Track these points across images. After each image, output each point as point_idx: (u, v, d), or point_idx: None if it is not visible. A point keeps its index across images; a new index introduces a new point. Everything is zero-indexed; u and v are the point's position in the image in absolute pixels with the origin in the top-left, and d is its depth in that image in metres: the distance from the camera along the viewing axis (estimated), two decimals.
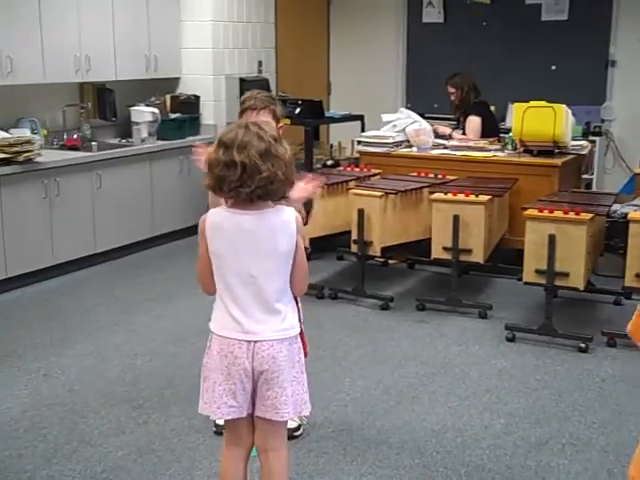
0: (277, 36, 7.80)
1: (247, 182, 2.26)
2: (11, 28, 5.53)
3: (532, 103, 5.52)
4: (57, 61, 5.89)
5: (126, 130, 6.64)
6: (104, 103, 6.57)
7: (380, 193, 5.09)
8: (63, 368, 4.20)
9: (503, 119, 7.31)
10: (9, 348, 4.46)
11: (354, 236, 5.15)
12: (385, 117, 6.42)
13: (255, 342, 2.38)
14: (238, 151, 2.26)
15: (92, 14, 6.15)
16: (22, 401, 3.82)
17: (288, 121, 6.17)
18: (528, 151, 5.69)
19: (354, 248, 5.19)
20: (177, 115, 6.85)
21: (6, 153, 5.30)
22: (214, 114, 7.14)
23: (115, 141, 6.64)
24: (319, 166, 6.77)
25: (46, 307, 5.18)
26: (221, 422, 2.95)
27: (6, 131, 5.65)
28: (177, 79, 7.14)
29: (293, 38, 8.00)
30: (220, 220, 2.37)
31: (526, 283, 4.58)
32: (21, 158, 5.38)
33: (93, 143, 6.24)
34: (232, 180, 2.27)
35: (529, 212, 4.55)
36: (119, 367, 4.21)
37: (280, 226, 2.37)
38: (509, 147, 5.92)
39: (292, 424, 3.25)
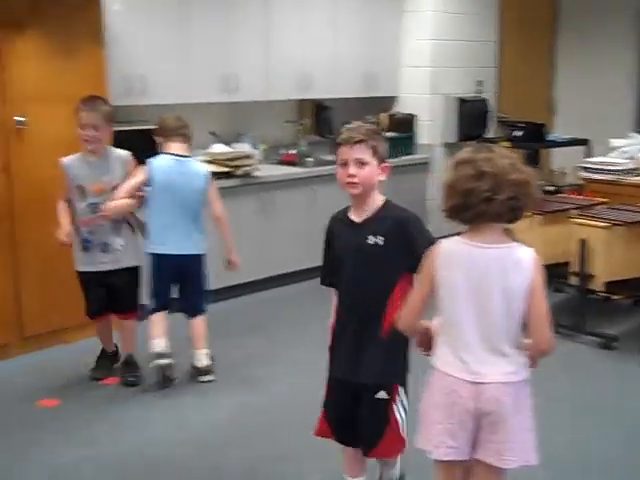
0: (499, 55, 7.53)
1: (498, 191, 2.14)
2: (238, 46, 5.73)
3: None
4: (279, 79, 6.03)
5: None
6: (321, 120, 6.65)
7: (606, 224, 4.71)
8: (272, 380, 4.23)
9: None
10: (220, 358, 4.56)
11: (574, 268, 4.80)
12: (614, 142, 5.98)
13: (480, 383, 2.22)
14: (484, 162, 2.16)
15: (315, 32, 6.24)
16: (230, 410, 3.88)
17: (508, 144, 5.91)
18: None
19: (573, 280, 4.84)
20: (393, 134, 6.78)
21: (227, 167, 5.49)
22: (429, 134, 7.01)
23: (330, 157, 6.67)
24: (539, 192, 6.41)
25: (258, 318, 5.28)
26: None
27: (228, 146, 5.85)
28: (394, 98, 7.09)
29: (516, 57, 7.69)
30: (454, 249, 2.24)
31: None
32: (240, 172, 5.55)
33: (309, 159, 6.33)
34: (483, 190, 2.14)
35: None
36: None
37: (514, 262, 2.19)
38: None
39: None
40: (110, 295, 4.09)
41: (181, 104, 5.45)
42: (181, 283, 4.21)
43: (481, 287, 2.20)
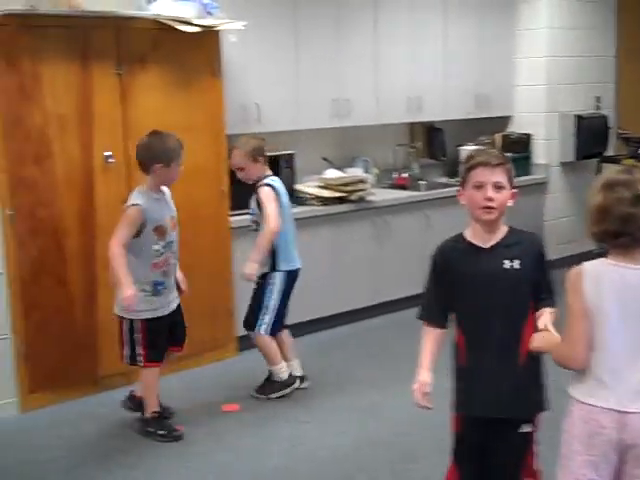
0: (618, 69, 7.27)
1: None
2: (348, 72, 5.74)
3: None
4: (390, 102, 6.00)
5: (454, 169, 6.57)
6: (433, 142, 6.58)
7: None
8: (389, 408, 4.16)
9: None
10: (334, 383, 4.54)
11: None
12: None
13: (626, 413, 2.09)
14: None
15: (425, 54, 6.19)
16: (348, 439, 3.83)
17: (631, 161, 5.67)
18: None
19: None
20: (508, 154, 6.61)
21: (341, 192, 5.49)
22: (546, 153, 6.82)
23: (443, 180, 6.60)
24: None
25: (371, 344, 5.23)
26: None
27: (341, 171, 5.86)
28: (507, 117, 6.94)
29: (635, 71, 7.39)
30: (600, 273, 2.13)
31: None
32: (354, 197, 5.54)
33: (422, 182, 6.26)
34: None
35: None
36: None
37: None
38: None
39: None
40: (171, 330, 3.93)
41: (294, 130, 5.52)
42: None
43: (635, 309, 2.07)
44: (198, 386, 4.51)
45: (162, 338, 3.86)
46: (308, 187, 5.51)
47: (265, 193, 4.16)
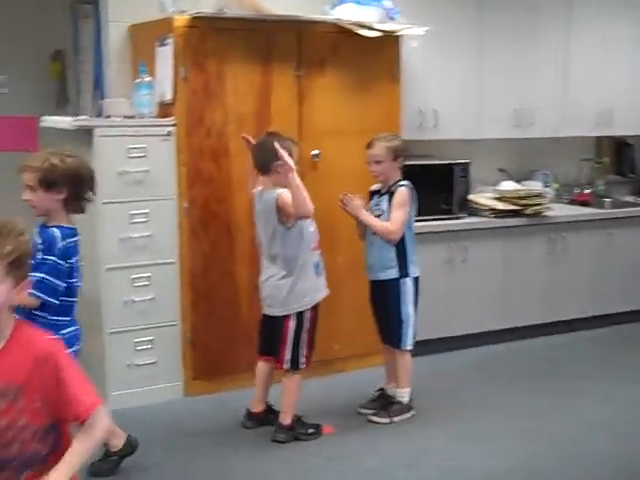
0: None
1: None
2: (534, 81, 5.54)
3: None
4: (577, 114, 5.71)
5: None
6: (622, 158, 6.21)
7: None
8: (549, 430, 3.97)
9: None
10: (492, 401, 4.38)
11: None
12: None
13: None
14: None
15: (618, 65, 5.85)
16: (501, 460, 3.68)
17: None
18: None
19: None
20: None
21: (516, 205, 5.30)
22: None
23: (630, 199, 6.20)
24: None
25: (538, 364, 5.02)
26: None
27: (518, 183, 5.66)
28: None
29: None
30: None
31: None
32: (530, 211, 5.32)
33: (606, 200, 5.91)
34: None
35: None
36: (606, 444, 3.81)
37: None
38: None
39: None
40: None
41: (470, 139, 5.39)
42: None
43: None
44: (360, 392, 4.44)
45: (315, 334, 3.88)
46: (482, 198, 5.37)
47: (403, 195, 3.98)
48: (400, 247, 4.01)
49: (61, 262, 2.94)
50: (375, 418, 4.08)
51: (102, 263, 4.13)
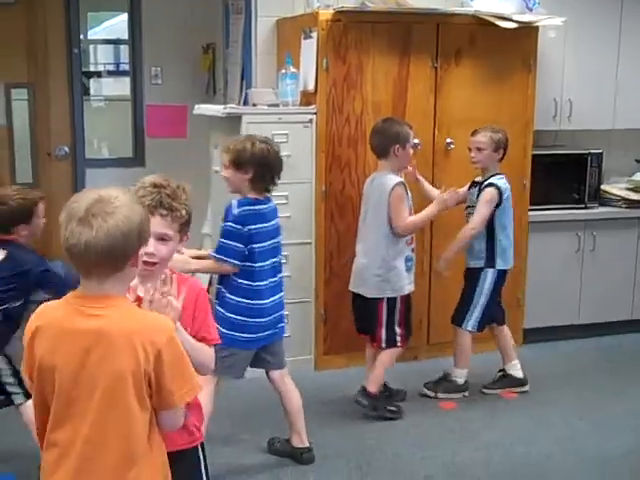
0: None
1: None
2: None
3: None
4: None
5: None
6: None
7: None
8: None
9: None
10: (619, 385, 4.43)
11: None
12: None
13: None
14: None
15: None
16: (626, 443, 3.76)
17: None
18: None
19: None
20: None
21: None
22: None
23: None
24: None
25: None
26: None
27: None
28: None
29: None
30: None
31: None
32: None
33: None
34: None
35: None
36: None
37: None
38: None
39: None
40: None
41: (605, 130, 5.37)
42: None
43: None
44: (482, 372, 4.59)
45: (411, 317, 4.09)
46: (615, 188, 5.35)
47: (490, 194, 4.08)
48: (489, 240, 4.16)
49: (237, 226, 3.27)
50: (425, 390, 4.30)
51: None
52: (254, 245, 3.30)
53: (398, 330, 3.99)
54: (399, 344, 4.01)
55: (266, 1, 4.80)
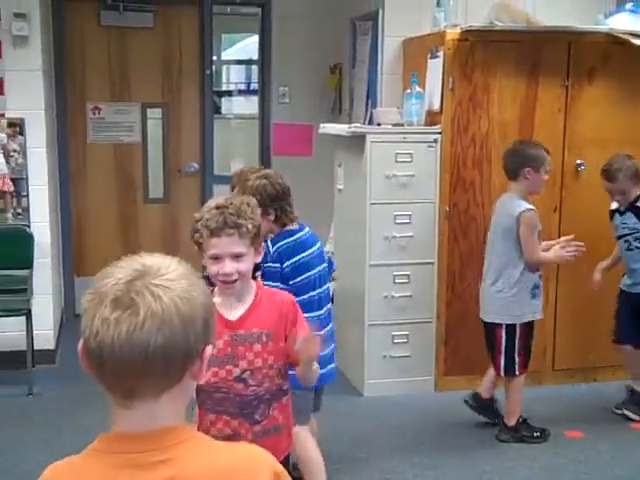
0: None
1: None
2: None
3: None
4: None
5: None
6: None
7: None
8: None
9: None
10: None
11: None
12: None
13: None
14: None
15: None
16: None
17: None
18: None
19: None
20: None
21: None
22: None
23: None
24: None
25: None
26: None
27: None
28: None
29: None
30: None
31: None
32: None
33: None
34: None
35: None
36: None
37: None
38: None
39: None
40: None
41: None
42: None
43: None
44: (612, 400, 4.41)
45: (532, 343, 3.96)
46: None
47: None
48: None
49: (275, 265, 3.10)
50: (627, 412, 4.15)
51: (367, 260, 4.45)
52: (296, 279, 3.13)
53: (517, 359, 3.89)
54: (517, 372, 3.91)
55: (393, 21, 4.83)
